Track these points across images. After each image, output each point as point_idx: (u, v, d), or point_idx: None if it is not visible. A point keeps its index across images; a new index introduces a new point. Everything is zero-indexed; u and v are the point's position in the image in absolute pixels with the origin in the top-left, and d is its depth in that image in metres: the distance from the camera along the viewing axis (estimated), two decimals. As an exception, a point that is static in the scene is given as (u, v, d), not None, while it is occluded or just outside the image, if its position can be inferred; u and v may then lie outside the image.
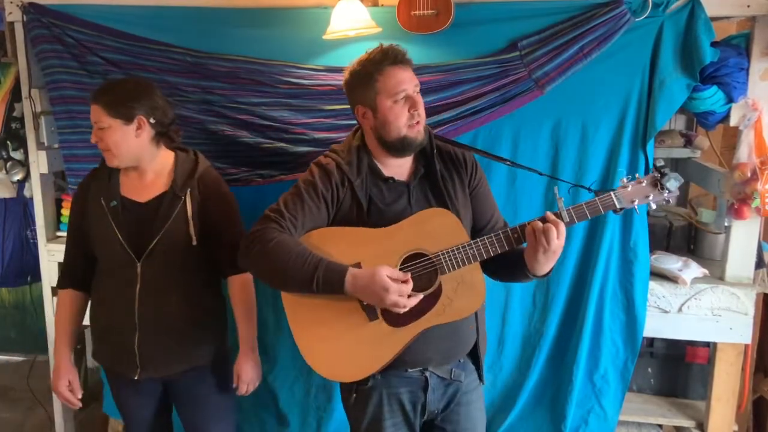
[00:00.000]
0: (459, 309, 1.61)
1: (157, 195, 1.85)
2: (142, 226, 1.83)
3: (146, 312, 1.83)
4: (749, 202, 2.12)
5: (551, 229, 1.52)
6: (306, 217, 1.63)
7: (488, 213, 1.77)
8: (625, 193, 1.59)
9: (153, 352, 1.86)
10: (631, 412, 2.42)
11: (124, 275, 1.84)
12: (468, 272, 1.60)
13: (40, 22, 2.33)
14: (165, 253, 1.82)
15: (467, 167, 1.74)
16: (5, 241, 2.83)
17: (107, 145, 1.80)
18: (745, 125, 2.13)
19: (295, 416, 2.49)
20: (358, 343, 1.63)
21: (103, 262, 1.90)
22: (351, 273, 1.54)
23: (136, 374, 1.87)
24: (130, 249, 1.81)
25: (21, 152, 2.68)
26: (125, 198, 1.86)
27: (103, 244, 1.85)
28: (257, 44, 2.27)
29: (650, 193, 1.60)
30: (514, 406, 2.38)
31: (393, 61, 1.61)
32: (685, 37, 2.10)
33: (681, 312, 2.29)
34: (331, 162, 1.69)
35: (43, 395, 3.07)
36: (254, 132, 2.31)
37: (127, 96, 1.79)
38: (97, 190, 1.88)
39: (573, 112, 2.21)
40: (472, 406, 1.75)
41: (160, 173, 1.88)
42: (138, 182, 1.88)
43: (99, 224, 1.85)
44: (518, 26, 2.15)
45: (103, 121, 1.78)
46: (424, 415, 1.72)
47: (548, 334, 2.34)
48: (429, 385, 1.69)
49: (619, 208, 1.59)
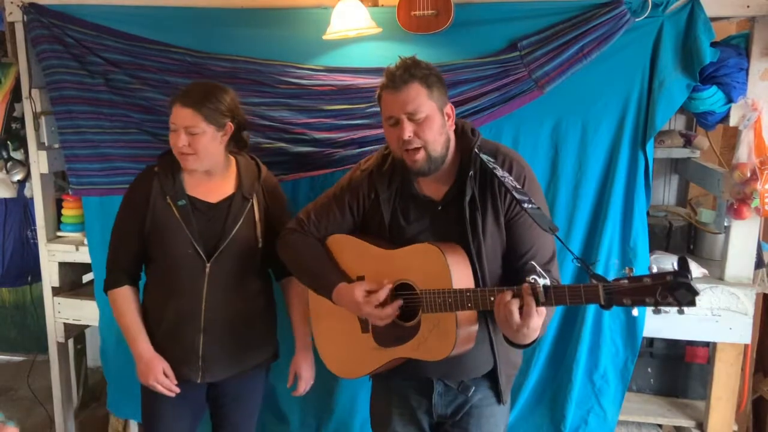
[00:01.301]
0: (429, 350, 1.58)
1: (227, 196, 1.86)
2: (212, 226, 1.84)
3: (212, 313, 1.84)
4: (749, 202, 2.12)
5: (511, 309, 1.36)
6: (330, 223, 1.74)
7: (525, 246, 1.59)
8: (618, 289, 1.29)
9: (218, 354, 1.87)
10: (630, 412, 2.42)
11: (190, 275, 1.83)
12: (444, 319, 1.54)
13: (41, 22, 2.33)
14: (233, 253, 1.83)
15: (506, 197, 1.58)
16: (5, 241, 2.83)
17: (195, 150, 1.78)
18: (744, 125, 2.13)
19: (295, 415, 2.49)
20: (348, 349, 1.74)
21: (167, 262, 1.86)
22: (337, 288, 1.64)
23: (199, 377, 1.87)
24: (200, 249, 1.81)
25: (21, 152, 2.69)
26: (193, 198, 1.85)
27: (171, 243, 1.83)
28: (257, 44, 2.27)
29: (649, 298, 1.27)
30: (514, 406, 2.37)
31: (386, 85, 1.56)
32: (685, 37, 2.10)
33: (681, 312, 2.28)
34: (368, 168, 1.71)
35: (43, 395, 3.07)
36: (254, 132, 2.30)
37: (224, 104, 1.80)
38: (160, 188, 1.85)
39: (573, 112, 2.21)
40: (483, 419, 1.70)
41: (227, 176, 1.89)
42: (206, 183, 1.87)
43: (166, 223, 1.83)
44: (518, 26, 2.15)
45: (199, 127, 1.76)
46: (432, 416, 1.72)
47: (548, 334, 2.34)
48: (435, 390, 1.69)
49: (604, 304, 1.31)
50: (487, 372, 1.67)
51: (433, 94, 1.55)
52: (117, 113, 2.39)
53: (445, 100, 1.59)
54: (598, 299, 1.31)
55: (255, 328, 1.94)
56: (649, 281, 1.26)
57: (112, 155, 2.42)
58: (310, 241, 1.75)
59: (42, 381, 3.06)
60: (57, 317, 2.63)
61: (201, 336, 1.84)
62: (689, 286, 1.23)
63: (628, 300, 1.28)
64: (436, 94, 1.56)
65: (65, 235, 2.65)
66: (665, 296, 1.25)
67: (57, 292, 2.63)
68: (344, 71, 2.24)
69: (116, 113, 2.39)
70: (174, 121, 1.77)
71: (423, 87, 1.53)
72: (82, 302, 2.60)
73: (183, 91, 1.80)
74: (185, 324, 1.85)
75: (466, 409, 1.70)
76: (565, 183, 2.25)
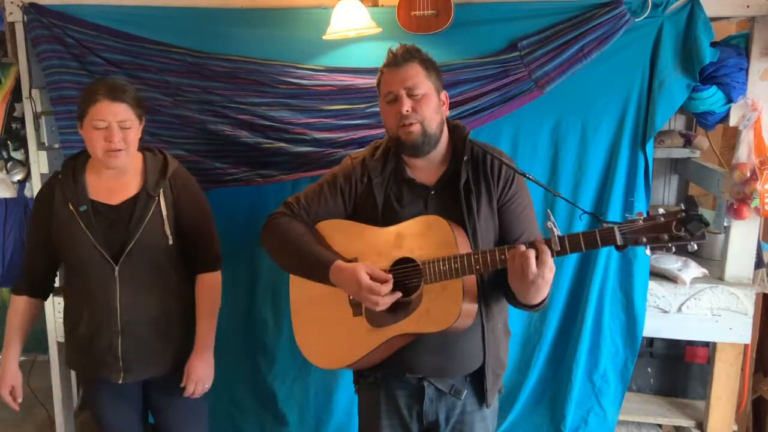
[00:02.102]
0: (433, 321, 1.56)
1: (131, 197, 1.84)
2: (116, 228, 1.81)
3: (128, 314, 1.82)
4: (748, 202, 2.12)
5: (528, 256, 1.39)
6: (320, 207, 1.72)
7: (517, 231, 1.64)
8: (632, 228, 1.36)
9: (137, 354, 1.85)
10: (630, 412, 2.42)
11: (101, 279, 1.81)
12: (449, 286, 1.54)
13: (41, 22, 2.33)
14: (142, 254, 1.81)
15: (499, 180, 1.63)
16: (6, 241, 2.82)
17: (127, 144, 1.77)
18: (744, 125, 2.14)
19: (294, 416, 2.49)
20: (338, 335, 1.68)
21: (76, 268, 1.85)
22: (336, 265, 1.59)
23: (120, 378, 1.86)
24: (106, 253, 1.79)
25: (21, 152, 2.68)
26: (95, 201, 1.83)
27: (76, 249, 1.81)
28: (257, 44, 2.27)
29: (664, 234, 1.33)
30: (513, 406, 2.38)
31: (387, 63, 1.64)
32: (685, 37, 2.10)
33: (680, 312, 2.29)
34: (359, 156, 1.74)
35: (43, 395, 3.07)
36: (254, 132, 2.31)
37: (137, 95, 1.80)
38: (62, 195, 1.83)
39: (573, 112, 2.21)
40: (475, 426, 1.69)
41: (134, 174, 1.87)
42: (111, 183, 1.84)
43: (69, 230, 1.81)
44: (518, 26, 2.15)
45: (130, 120, 1.76)
46: (422, 422, 1.70)
47: (548, 334, 2.34)
48: (426, 395, 1.67)
49: (620, 245, 1.37)
50: (475, 371, 1.67)
51: (431, 76, 1.63)
52: (117, 113, 2.39)
53: (440, 87, 1.66)
54: (614, 240, 1.36)
55: (177, 325, 1.90)
56: (662, 219, 1.33)
57: (112, 155, 2.42)
58: (300, 223, 1.72)
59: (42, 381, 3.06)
60: (57, 317, 2.63)
61: (119, 338, 1.82)
62: (700, 218, 1.30)
63: (643, 238, 1.34)
64: (434, 77, 1.63)
65: (65, 235, 2.64)
66: (679, 229, 1.31)
67: (57, 292, 2.63)
68: (344, 71, 2.24)
69: (116, 113, 2.39)
70: (104, 118, 1.72)
71: (422, 68, 1.61)
72: (82, 302, 2.60)
73: (102, 87, 1.75)
74: (102, 327, 1.83)
75: (457, 417, 1.69)
76: (565, 183, 2.25)
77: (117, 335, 1.82)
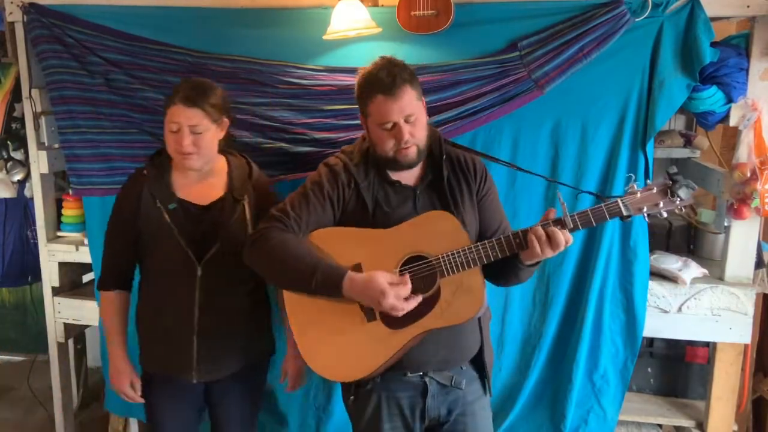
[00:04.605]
0: (457, 313, 1.59)
1: (218, 198, 1.86)
2: (203, 229, 1.83)
3: (206, 315, 1.84)
4: (749, 202, 2.12)
5: (558, 234, 1.51)
6: (311, 217, 1.67)
7: (496, 222, 1.75)
8: (633, 200, 1.55)
9: (211, 355, 1.86)
10: (630, 412, 2.42)
11: (182, 278, 1.82)
12: (467, 276, 1.59)
13: (41, 22, 2.33)
14: (225, 256, 1.82)
15: (476, 175, 1.73)
16: (6, 241, 2.83)
17: (198, 148, 1.78)
18: (744, 125, 2.14)
19: (294, 416, 2.49)
20: (356, 344, 1.64)
21: (159, 265, 1.87)
22: (349, 277, 1.54)
23: (193, 377, 1.87)
24: (191, 252, 1.81)
25: (21, 152, 2.69)
26: (184, 201, 1.84)
27: (164, 247, 1.83)
28: (257, 44, 2.27)
29: (660, 201, 1.55)
30: (514, 406, 2.38)
31: (382, 90, 1.59)
32: (685, 37, 2.10)
33: (681, 312, 2.29)
34: (339, 162, 1.71)
35: (43, 395, 3.07)
36: (254, 132, 2.31)
37: (221, 100, 1.81)
38: (149, 192, 1.84)
39: (573, 112, 2.21)
40: (477, 416, 1.72)
41: (218, 176, 1.89)
42: (197, 185, 1.87)
43: (156, 227, 1.82)
44: (518, 26, 2.15)
45: (203, 125, 1.77)
46: (425, 420, 1.71)
47: (548, 334, 2.34)
48: (428, 390, 1.68)
49: (625, 215, 1.55)
50: (473, 359, 1.73)
51: (418, 92, 1.64)
52: (117, 113, 2.38)
53: (422, 94, 1.68)
54: (619, 212, 1.54)
55: (249, 326, 1.94)
56: (655, 189, 1.55)
57: (112, 155, 2.42)
58: (294, 236, 1.64)
59: (42, 381, 3.06)
60: (57, 317, 2.63)
61: (195, 338, 1.84)
62: (688, 183, 1.54)
63: (644, 207, 1.55)
64: (419, 91, 1.65)
65: (65, 235, 2.65)
66: (673, 194, 1.54)
67: (57, 292, 2.63)
68: (344, 71, 2.24)
69: (116, 113, 2.38)
70: (177, 120, 1.75)
71: (411, 88, 1.61)
72: (82, 302, 2.60)
73: (181, 90, 1.78)
74: (179, 326, 1.85)
75: (460, 408, 1.71)
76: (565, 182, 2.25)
77: (193, 335, 1.84)
